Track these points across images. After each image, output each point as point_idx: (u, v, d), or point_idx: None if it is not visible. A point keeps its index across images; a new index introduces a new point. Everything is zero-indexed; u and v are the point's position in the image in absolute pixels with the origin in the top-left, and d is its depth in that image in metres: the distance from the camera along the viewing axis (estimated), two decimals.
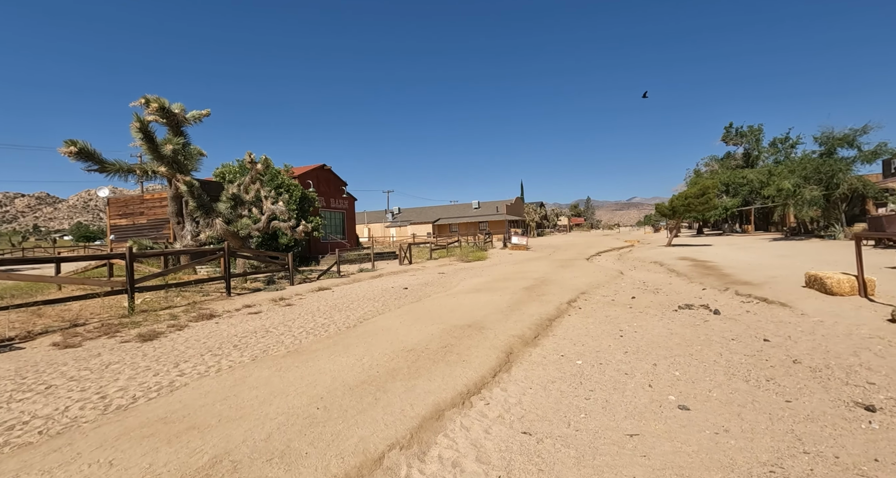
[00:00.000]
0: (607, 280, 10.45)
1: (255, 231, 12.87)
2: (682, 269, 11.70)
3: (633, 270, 12.86)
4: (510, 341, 5.05)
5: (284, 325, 6.96)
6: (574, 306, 7.35)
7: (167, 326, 7.07)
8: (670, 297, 7.70)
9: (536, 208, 73.22)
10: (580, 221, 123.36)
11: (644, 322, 5.81)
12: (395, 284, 12.30)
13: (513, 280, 11.29)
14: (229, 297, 10.11)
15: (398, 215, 65.85)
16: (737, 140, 36.22)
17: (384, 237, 52.91)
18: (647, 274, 11.65)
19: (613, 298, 7.86)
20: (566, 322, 6.16)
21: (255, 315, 8.02)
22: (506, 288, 9.67)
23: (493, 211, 59.23)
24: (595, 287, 9.44)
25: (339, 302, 9.27)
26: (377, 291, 10.88)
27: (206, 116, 11.93)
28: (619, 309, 6.88)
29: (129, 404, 3.65)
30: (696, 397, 3.20)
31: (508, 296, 8.40)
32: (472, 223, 56.86)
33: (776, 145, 32.79)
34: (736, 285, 8.21)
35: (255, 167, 12.75)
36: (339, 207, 24.33)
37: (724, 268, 10.90)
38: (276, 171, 17.96)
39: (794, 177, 19.35)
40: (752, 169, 31.99)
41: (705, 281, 9.14)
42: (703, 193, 19.13)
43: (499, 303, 7.71)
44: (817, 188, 19.02)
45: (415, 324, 6.28)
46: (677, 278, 10.17)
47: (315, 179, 22.01)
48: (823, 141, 19.39)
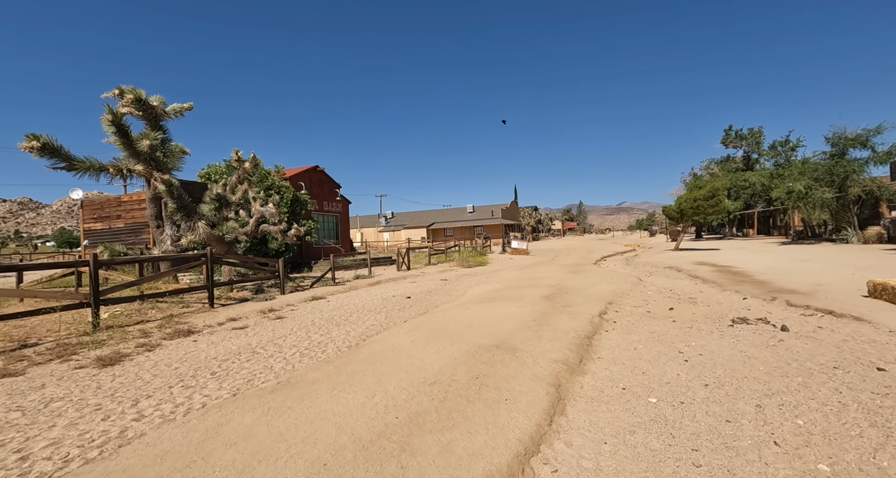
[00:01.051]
0: (629, 288, 9.57)
1: (243, 235, 11.81)
2: (707, 275, 10.88)
3: (651, 276, 12.02)
4: (554, 369, 4.10)
5: (274, 343, 5.94)
6: (607, 320, 6.43)
7: (135, 345, 6.02)
8: (712, 308, 6.83)
9: (531, 212, 72.67)
10: (573, 226, 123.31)
11: (702, 341, 4.91)
12: (397, 293, 11.30)
13: (526, 288, 10.36)
14: (212, 308, 9.03)
15: (392, 220, 64.80)
16: (736, 143, 35.92)
17: (378, 242, 51.82)
18: (670, 281, 10.80)
19: (648, 310, 6.96)
20: (607, 340, 5.23)
21: (241, 331, 6.99)
22: (522, 297, 8.73)
23: (488, 215, 58.48)
24: (620, 296, 8.55)
25: (336, 314, 8.25)
26: (377, 301, 9.87)
27: (187, 110, 10.89)
28: (661, 323, 5.98)
29: (54, 474, 2.62)
30: (862, 469, 2.27)
31: (529, 307, 7.47)
32: (468, 227, 56.02)
33: (776, 148, 32.48)
34: (781, 295, 7.38)
35: (242, 166, 11.71)
36: (333, 210, 23.28)
37: (755, 274, 10.10)
38: (266, 171, 16.90)
39: (805, 178, 18.78)
40: (753, 171, 31.60)
41: (742, 289, 8.30)
42: (713, 195, 18.47)
43: (520, 316, 6.76)
44: (829, 190, 18.46)
45: (430, 343, 5.30)
46: (707, 286, 9.32)
47: (307, 181, 20.96)
48: (835, 141, 18.88)
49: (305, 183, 20.34)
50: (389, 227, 60.42)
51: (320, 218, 22.61)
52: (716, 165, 37.26)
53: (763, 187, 28.84)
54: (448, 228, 57.01)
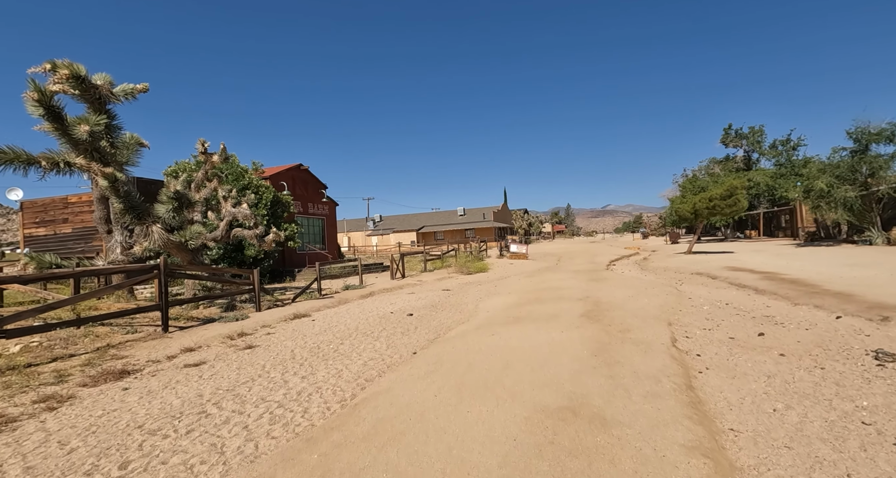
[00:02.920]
0: (676, 302, 8.02)
1: (211, 241, 9.93)
2: (757, 284, 9.42)
3: (686, 285, 10.52)
4: (695, 470, 2.44)
5: (235, 394, 4.18)
6: (685, 351, 4.82)
7: (33, 400, 4.21)
8: (815, 333, 5.28)
9: (522, 215, 71.49)
10: (562, 229, 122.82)
11: (863, 392, 3.32)
12: (395, 307, 9.56)
13: (551, 301, 8.73)
14: (165, 334, 7.16)
15: (380, 223, 62.83)
16: (736, 142, 35.15)
17: (366, 246, 49.83)
18: (715, 291, 9.30)
19: (731, 336, 5.39)
20: (716, 391, 3.61)
21: (195, 369, 5.20)
22: (555, 316, 7.09)
23: (479, 218, 57.01)
24: (673, 313, 6.98)
25: (322, 340, 6.48)
26: (373, 320, 8.12)
27: (142, 92, 9.00)
28: (766, 358, 4.40)
29: None
30: None
31: (574, 332, 5.81)
32: (459, 231, 54.41)
33: (777, 147, 31.73)
34: (886, 311, 5.89)
35: (209, 159, 9.85)
36: (319, 212, 21.39)
37: (821, 283, 8.67)
38: (243, 169, 14.98)
39: (826, 176, 17.68)
40: (755, 171, 30.75)
41: (823, 304, 6.81)
42: (731, 194, 17.22)
43: (570, 346, 5.11)
44: (853, 188, 17.38)
45: (463, 400, 3.61)
46: (771, 299, 7.82)
47: (290, 181, 19.06)
48: (857, 136, 17.84)
49: (288, 183, 18.45)
50: (378, 230, 58.45)
51: (305, 221, 20.70)
52: (716, 164, 36.45)
53: (767, 187, 27.94)
54: (438, 231, 55.32)
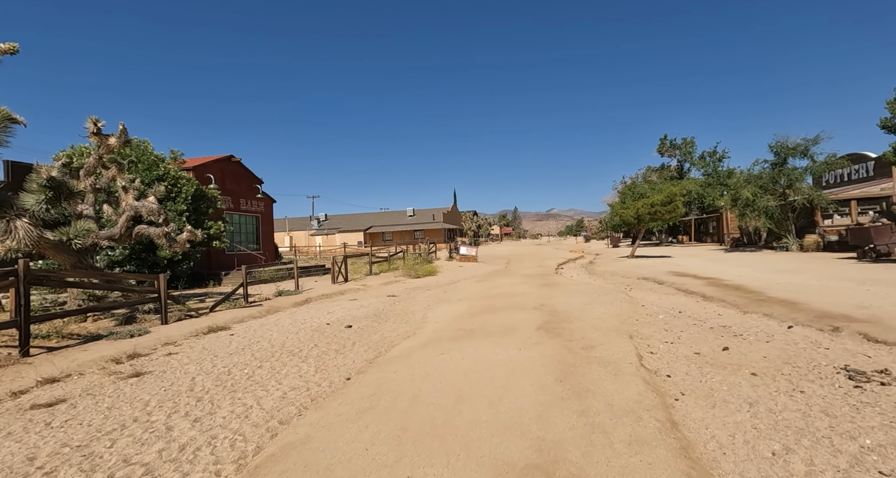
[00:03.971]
0: (631, 310, 7.73)
1: (107, 240, 8.24)
2: (703, 290, 9.47)
3: (636, 291, 10.44)
4: None
5: (86, 456, 3.06)
6: (655, 371, 4.35)
7: None
8: (777, 347, 5.05)
9: (472, 217, 71.89)
10: (509, 231, 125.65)
11: (861, 425, 2.93)
12: (333, 317, 8.50)
13: (505, 310, 8.12)
14: (23, 359, 5.59)
15: (325, 222, 60.09)
16: (671, 152, 37.49)
17: (309, 247, 47.23)
18: (665, 298, 9.21)
19: (696, 351, 5.02)
20: (703, 428, 3.08)
21: (44, 412, 3.93)
22: (512, 328, 6.44)
23: (429, 219, 56.33)
24: (632, 324, 6.62)
25: (236, 363, 5.33)
26: (305, 333, 7.03)
27: (8, 54, 7.19)
28: (740, 379, 4.01)
29: None
30: None
31: (534, 349, 5.17)
32: (408, 231, 53.35)
33: (705, 158, 34.17)
34: (833, 320, 5.87)
35: (105, 142, 8.17)
36: (253, 209, 19.47)
37: (763, 290, 8.81)
38: (158, 157, 13.03)
39: (751, 186, 18.96)
40: (687, 180, 32.83)
41: (772, 312, 6.77)
42: (670, 201, 17.92)
43: (532, 369, 4.44)
44: (773, 198, 18.76)
45: (403, 458, 2.76)
46: (721, 307, 7.76)
47: (219, 173, 17.09)
48: (777, 150, 19.34)
49: (216, 176, 16.49)
50: (323, 230, 55.78)
51: (236, 219, 18.72)
52: (653, 172, 38.64)
53: (698, 195, 29.89)
54: (387, 232, 53.88)
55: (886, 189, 18.57)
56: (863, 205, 19.48)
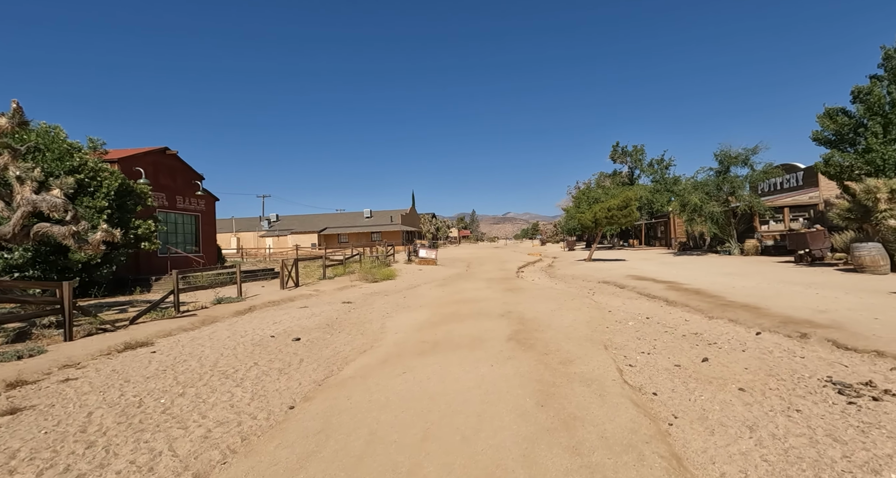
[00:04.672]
0: (599, 317, 7.48)
1: None
2: (665, 294, 9.47)
3: (599, 295, 10.31)
4: None
5: None
6: (639, 389, 3.97)
7: None
8: (753, 356, 4.88)
9: (430, 219, 71.40)
10: (467, 234, 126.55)
11: (876, 453, 2.65)
12: (279, 328, 7.58)
13: (471, 318, 7.58)
14: None
15: (276, 223, 57.15)
16: (622, 158, 39.07)
17: (258, 249, 44.59)
18: (629, 302, 9.10)
19: (677, 363, 4.72)
20: (711, 464, 2.69)
21: None
22: (480, 340, 5.90)
23: (386, 220, 55.14)
24: (602, 332, 6.32)
25: (152, 390, 4.38)
26: (244, 349, 6.11)
27: None
28: (729, 396, 3.72)
29: None
30: None
31: (508, 366, 4.64)
32: (365, 233, 51.89)
33: (653, 165, 35.89)
34: (798, 326, 5.85)
35: None
36: (192, 208, 17.73)
37: (724, 294, 8.89)
38: (73, 146, 11.35)
39: (699, 193, 19.87)
40: (638, 186, 34.25)
41: (737, 318, 6.73)
42: (626, 205, 18.35)
43: (506, 390, 3.91)
44: (718, 204, 19.77)
45: None
46: (687, 312, 7.69)
47: (151, 167, 15.33)
48: (721, 159, 20.43)
49: (147, 170, 14.75)
50: (273, 231, 52.96)
51: (172, 218, 16.92)
52: (606, 178, 40.07)
53: (647, 201, 31.23)
54: (343, 233, 52.09)
55: (814, 197, 20.13)
56: (794, 212, 21.02)
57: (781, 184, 23.30)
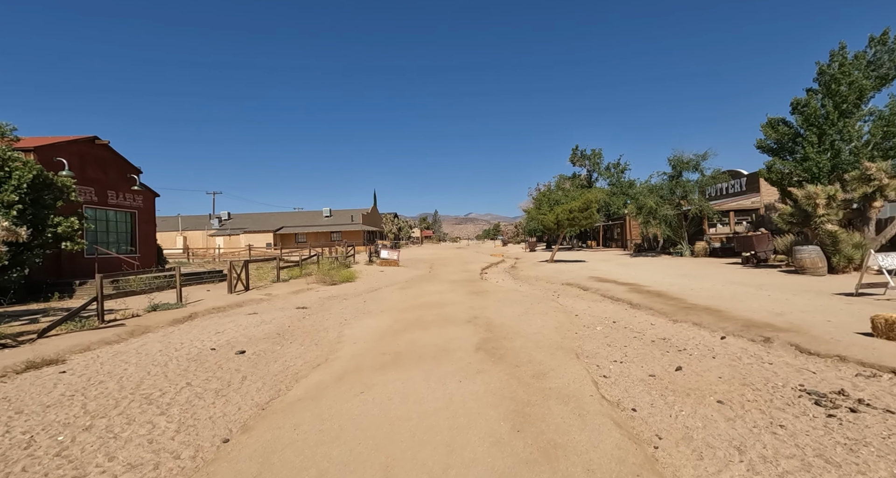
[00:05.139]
0: (567, 322, 7.29)
1: None
2: (628, 297, 9.49)
3: (563, 298, 10.21)
4: None
5: None
6: (618, 404, 3.71)
7: None
8: (721, 362, 4.80)
9: (393, 219, 70.35)
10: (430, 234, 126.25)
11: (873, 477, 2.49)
12: (221, 340, 6.79)
13: (436, 325, 7.15)
14: None
15: (228, 222, 54.03)
16: (581, 162, 40.16)
17: (207, 249, 41.88)
18: (591, 304, 9.03)
19: (652, 373, 4.54)
20: None
21: None
22: (445, 350, 5.48)
23: (347, 220, 53.62)
24: (571, 338, 6.10)
25: (48, 424, 3.60)
26: (177, 367, 5.33)
27: None
28: (709, 410, 3.54)
29: None
30: None
31: (477, 381, 4.25)
32: (324, 233, 50.17)
33: (610, 169, 37.14)
34: (759, 330, 5.90)
35: None
36: (127, 204, 16.09)
37: (685, 297, 9.00)
38: None
39: (654, 196, 20.60)
40: (596, 189, 35.25)
41: (701, 321, 6.75)
42: (587, 207, 18.66)
43: (477, 412, 3.51)
44: (671, 207, 20.58)
45: None
46: (651, 316, 7.67)
47: (77, 159, 13.69)
48: (674, 164, 21.30)
49: (73, 161, 13.13)
50: (225, 230, 49.98)
51: (103, 215, 15.24)
52: (566, 180, 41.02)
53: (604, 204, 32.19)
54: (300, 233, 50.06)
55: (756, 202, 21.45)
56: (738, 215, 22.30)
57: (727, 189, 24.70)
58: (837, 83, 14.71)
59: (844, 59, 14.97)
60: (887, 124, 14.48)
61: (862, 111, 14.95)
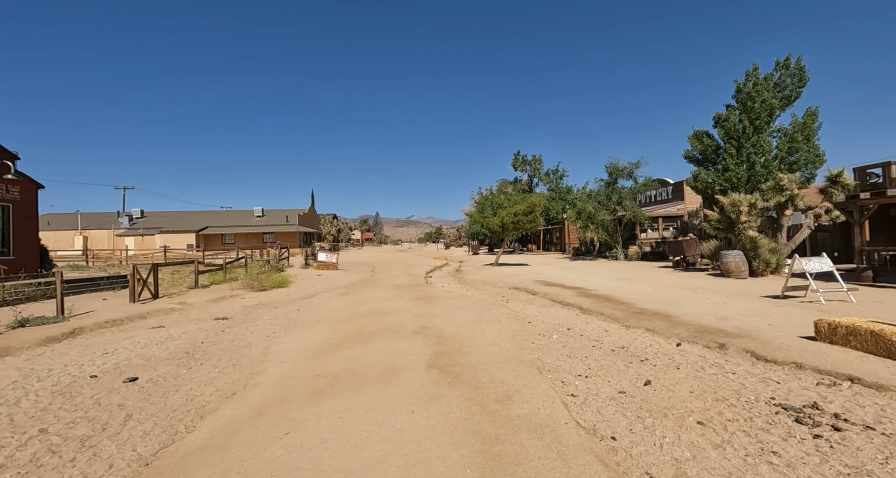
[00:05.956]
0: (521, 330, 6.86)
1: None
2: (575, 301, 9.35)
3: (513, 303, 9.87)
4: None
5: None
6: (594, 431, 3.24)
7: None
8: (686, 373, 4.56)
9: (332, 220, 67.44)
10: (371, 236, 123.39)
11: None
12: (108, 363, 5.46)
13: (378, 337, 6.33)
14: None
15: (141, 220, 48.29)
16: (523, 167, 41.09)
17: (114, 250, 36.93)
18: (542, 310, 8.74)
19: (621, 389, 4.14)
20: None
21: None
22: (391, 369, 4.72)
23: (281, 220, 50.30)
24: (529, 349, 5.65)
25: None
26: (29, 407, 4.03)
27: None
28: (693, 435, 3.18)
29: None
30: None
31: (432, 410, 3.55)
32: (255, 234, 46.60)
33: (549, 175, 38.39)
34: (712, 336, 5.85)
35: None
36: None
37: (634, 302, 8.98)
38: None
39: (592, 202, 21.33)
40: (536, 193, 36.19)
41: (654, 327, 6.62)
42: (531, 211, 18.77)
43: (434, 454, 2.83)
44: (608, 213, 21.43)
45: None
46: (598, 320, 7.49)
47: None
48: (611, 171, 22.26)
49: None
50: (136, 229, 44.53)
51: None
52: (508, 185, 41.77)
53: (545, 208, 33.08)
54: (228, 234, 46.03)
55: (681, 209, 23.06)
56: (666, 222, 23.86)
57: (655, 196, 26.40)
58: (752, 101, 16.11)
59: (757, 79, 16.45)
60: (791, 141, 16.13)
61: (772, 128, 16.52)
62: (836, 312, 7.15)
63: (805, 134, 16.00)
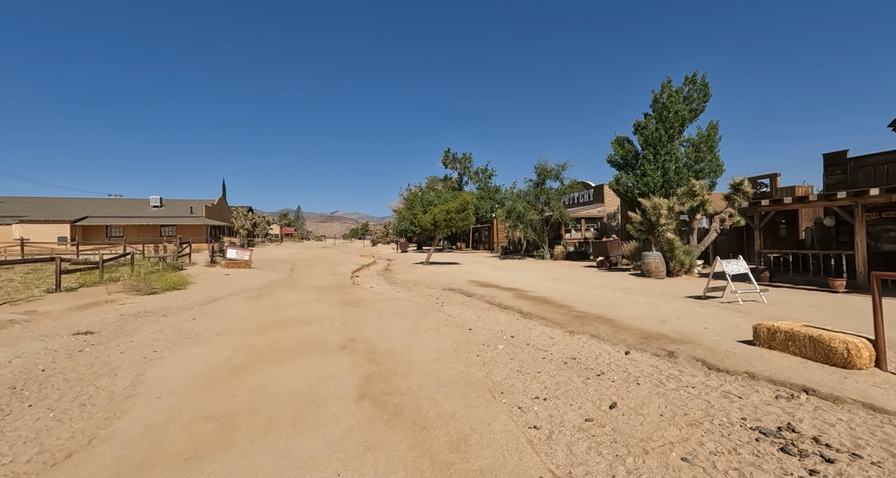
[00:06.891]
0: (463, 340, 6.15)
1: None
2: (513, 303, 8.92)
3: (446, 305, 9.18)
4: None
5: None
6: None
7: None
8: (647, 389, 4.18)
9: (246, 213, 61.69)
10: (291, 232, 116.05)
11: None
12: None
13: (294, 355, 5.17)
14: None
15: None
16: (453, 165, 40.91)
17: None
18: (480, 314, 8.15)
19: (588, 417, 3.59)
20: None
21: None
22: (311, 402, 3.68)
23: (184, 212, 44.67)
24: (475, 365, 4.94)
25: None
26: None
27: None
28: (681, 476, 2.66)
29: None
30: None
31: (368, 475, 2.63)
32: (152, 226, 40.77)
33: (479, 174, 38.70)
34: (658, 342, 5.66)
35: None
36: None
37: (573, 304, 8.73)
38: None
39: (522, 201, 21.56)
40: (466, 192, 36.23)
41: (600, 333, 6.32)
42: (464, 209, 18.34)
43: None
44: (536, 212, 21.84)
45: None
46: (540, 325, 7.07)
47: None
48: (539, 172, 22.72)
49: None
50: None
51: None
52: (438, 182, 41.31)
53: (475, 207, 33.21)
54: (115, 225, 39.65)
55: (601, 211, 24.37)
56: (588, 223, 25.07)
57: (578, 198, 27.70)
58: (667, 110, 17.28)
59: (671, 91, 17.71)
60: (696, 150, 17.62)
61: (682, 137, 17.91)
62: (753, 312, 7.53)
63: (708, 145, 17.57)
